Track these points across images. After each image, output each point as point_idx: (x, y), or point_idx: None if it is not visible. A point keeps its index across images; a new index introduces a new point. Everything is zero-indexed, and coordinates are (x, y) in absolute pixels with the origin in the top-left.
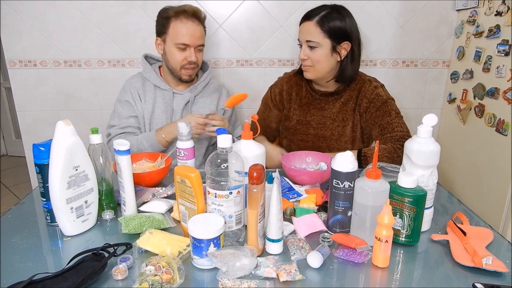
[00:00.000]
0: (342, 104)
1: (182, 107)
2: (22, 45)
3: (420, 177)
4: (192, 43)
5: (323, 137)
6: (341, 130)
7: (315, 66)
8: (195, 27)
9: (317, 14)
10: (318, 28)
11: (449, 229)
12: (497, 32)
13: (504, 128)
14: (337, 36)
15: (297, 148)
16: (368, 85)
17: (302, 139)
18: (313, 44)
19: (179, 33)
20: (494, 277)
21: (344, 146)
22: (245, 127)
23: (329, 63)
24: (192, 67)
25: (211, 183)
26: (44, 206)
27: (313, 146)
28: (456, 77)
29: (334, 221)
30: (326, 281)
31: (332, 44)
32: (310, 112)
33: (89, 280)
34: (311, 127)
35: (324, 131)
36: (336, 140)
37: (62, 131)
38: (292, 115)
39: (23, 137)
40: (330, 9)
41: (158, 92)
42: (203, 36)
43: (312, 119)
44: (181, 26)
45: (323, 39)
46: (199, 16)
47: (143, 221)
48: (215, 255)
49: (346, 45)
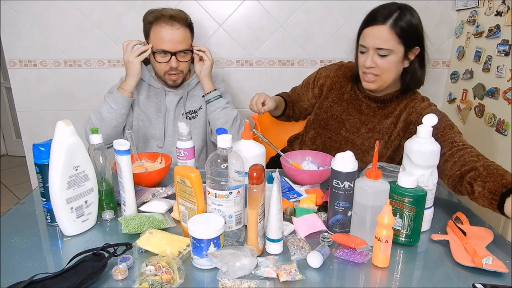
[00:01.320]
0: (384, 116)
1: (175, 104)
2: (22, 45)
3: (420, 177)
4: (172, 48)
5: (352, 143)
6: (373, 142)
7: (382, 75)
8: (174, 31)
9: (388, 16)
10: (392, 33)
11: (449, 229)
12: (497, 32)
13: (504, 128)
14: (410, 41)
15: (322, 145)
16: (420, 101)
17: (330, 137)
18: (385, 52)
19: (158, 39)
20: (494, 277)
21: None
22: (245, 127)
23: (397, 71)
24: (175, 73)
25: (211, 183)
26: (44, 206)
27: (339, 149)
28: (456, 77)
29: (334, 221)
30: (326, 281)
31: (405, 50)
32: (348, 111)
33: (89, 280)
34: (344, 127)
35: (356, 137)
36: (363, 151)
37: (62, 131)
38: (328, 106)
39: (23, 137)
40: (400, 9)
41: (152, 90)
42: (185, 40)
43: (347, 118)
44: (159, 31)
45: (397, 46)
46: (179, 19)
47: (143, 221)
48: (215, 255)
49: (415, 50)
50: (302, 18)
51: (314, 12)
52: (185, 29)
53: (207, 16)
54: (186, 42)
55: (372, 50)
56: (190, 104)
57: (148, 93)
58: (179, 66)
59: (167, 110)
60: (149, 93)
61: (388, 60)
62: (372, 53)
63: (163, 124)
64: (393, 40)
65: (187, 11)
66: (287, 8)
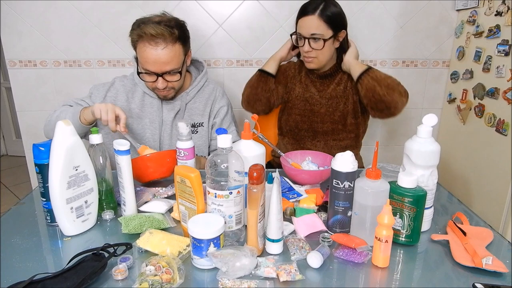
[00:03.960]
0: (336, 85)
1: (173, 117)
2: (22, 45)
3: (420, 177)
4: (157, 70)
5: (318, 113)
6: (335, 106)
7: (319, 56)
8: (159, 52)
9: (316, 7)
10: (321, 20)
11: (449, 229)
12: (497, 32)
13: (504, 128)
14: (336, 25)
15: (294, 122)
16: None
17: (299, 114)
18: (317, 36)
19: (142, 58)
20: (494, 277)
21: (337, 119)
22: (245, 127)
23: (330, 51)
24: (164, 90)
25: (211, 183)
26: (44, 206)
27: (309, 121)
28: (456, 77)
29: (334, 221)
30: (326, 281)
31: (333, 34)
32: (309, 90)
33: (89, 280)
34: (307, 103)
35: (319, 107)
36: (330, 114)
37: (62, 131)
38: (292, 89)
39: (23, 137)
40: (325, 1)
41: (147, 99)
42: (173, 60)
43: (309, 96)
44: (144, 51)
45: (326, 31)
46: (164, 37)
47: (143, 221)
48: (215, 255)
49: (342, 33)
50: None
51: None
52: (173, 46)
53: (207, 16)
54: (175, 60)
55: (307, 36)
56: (188, 117)
57: (142, 102)
58: (168, 84)
59: (163, 123)
60: (143, 102)
61: (321, 43)
62: (307, 39)
63: (158, 136)
64: (322, 26)
65: (187, 11)
66: (287, 8)
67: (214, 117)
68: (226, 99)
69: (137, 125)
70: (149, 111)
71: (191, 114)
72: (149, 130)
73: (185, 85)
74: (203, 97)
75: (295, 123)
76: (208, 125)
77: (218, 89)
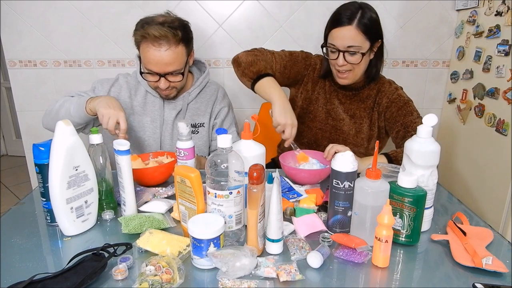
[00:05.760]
0: (360, 101)
1: (174, 116)
2: (22, 45)
3: (420, 177)
4: (160, 70)
5: (340, 131)
6: (358, 126)
7: (354, 70)
8: (162, 53)
9: (352, 17)
10: (358, 31)
11: (449, 229)
12: (497, 32)
13: (504, 128)
14: (373, 36)
15: (314, 137)
16: (388, 86)
17: (321, 128)
18: (354, 49)
19: (145, 59)
20: (494, 277)
21: (360, 142)
22: (245, 127)
23: (366, 64)
24: (166, 90)
25: (211, 183)
26: (44, 206)
27: (330, 138)
28: (456, 77)
29: (334, 221)
30: (326, 281)
31: (370, 45)
32: (331, 101)
33: (89, 280)
34: (330, 117)
35: (342, 124)
36: (353, 136)
37: (62, 131)
38: (315, 98)
39: (23, 137)
40: (361, 8)
41: (149, 97)
42: (176, 61)
43: (331, 108)
44: (147, 51)
45: (364, 42)
46: (167, 39)
47: (143, 221)
48: (215, 255)
49: (378, 43)
50: (302, 18)
51: (314, 12)
52: (176, 47)
53: (207, 16)
54: (178, 61)
55: (342, 49)
56: (190, 118)
57: (145, 100)
58: (170, 84)
59: (164, 122)
60: (146, 100)
61: (358, 56)
62: (342, 52)
63: (158, 135)
64: (359, 37)
65: (187, 11)
66: (287, 8)
67: (215, 118)
68: (227, 100)
69: (138, 122)
70: (151, 109)
71: (192, 114)
72: (150, 128)
73: (187, 85)
74: (205, 98)
75: (315, 138)
76: (209, 126)
77: (219, 90)
